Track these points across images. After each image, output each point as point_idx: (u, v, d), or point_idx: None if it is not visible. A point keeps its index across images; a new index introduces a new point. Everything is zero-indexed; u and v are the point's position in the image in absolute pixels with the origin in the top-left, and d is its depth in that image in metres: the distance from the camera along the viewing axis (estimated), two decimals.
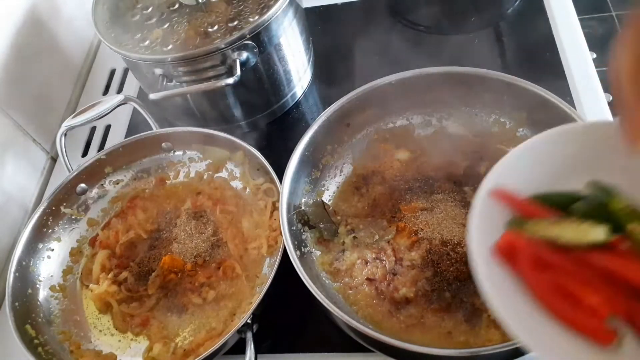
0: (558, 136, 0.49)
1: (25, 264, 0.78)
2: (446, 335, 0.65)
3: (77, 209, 0.86)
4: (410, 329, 0.66)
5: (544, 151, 0.48)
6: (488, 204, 0.45)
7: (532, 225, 0.42)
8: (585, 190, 0.45)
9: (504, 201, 0.45)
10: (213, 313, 0.75)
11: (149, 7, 0.87)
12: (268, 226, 0.78)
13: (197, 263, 0.78)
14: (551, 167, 0.48)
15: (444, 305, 0.66)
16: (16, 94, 0.95)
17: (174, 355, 0.72)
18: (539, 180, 0.47)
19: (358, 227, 0.75)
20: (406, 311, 0.67)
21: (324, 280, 0.71)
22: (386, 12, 1.08)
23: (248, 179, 0.84)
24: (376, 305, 0.68)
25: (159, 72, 0.83)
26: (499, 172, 0.47)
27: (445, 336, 0.65)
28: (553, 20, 0.96)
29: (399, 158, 0.81)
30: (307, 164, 0.78)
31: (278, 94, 0.94)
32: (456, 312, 0.66)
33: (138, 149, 0.88)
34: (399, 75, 0.77)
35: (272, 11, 0.80)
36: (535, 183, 0.47)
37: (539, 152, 0.48)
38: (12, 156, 0.93)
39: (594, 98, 0.85)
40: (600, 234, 0.40)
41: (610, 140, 0.46)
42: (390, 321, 0.67)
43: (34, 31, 1.00)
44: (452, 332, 0.65)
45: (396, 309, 0.68)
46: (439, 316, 0.66)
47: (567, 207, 0.44)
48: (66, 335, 0.76)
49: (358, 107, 0.79)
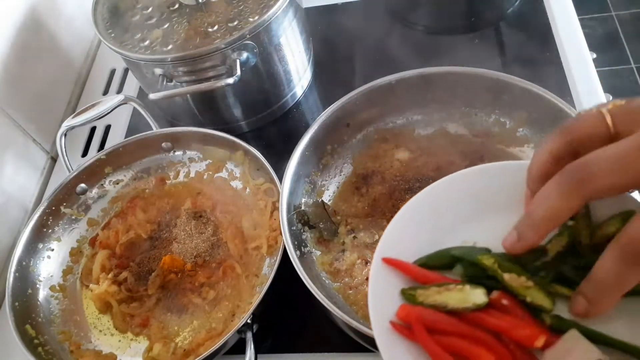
0: (446, 185, 0.50)
1: (25, 264, 0.78)
2: None
3: (77, 209, 0.86)
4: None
5: (431, 206, 0.49)
6: (383, 273, 0.45)
7: (421, 294, 0.43)
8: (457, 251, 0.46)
9: (396, 268, 0.45)
10: (213, 313, 0.75)
11: (149, 7, 0.87)
12: (268, 226, 0.78)
13: (197, 263, 0.78)
14: (442, 220, 0.48)
15: None
16: (16, 94, 0.95)
17: (174, 355, 0.72)
18: (431, 237, 0.47)
19: (358, 227, 0.75)
20: None
21: (324, 280, 0.71)
22: (386, 12, 1.08)
23: (248, 179, 0.84)
24: None
25: (159, 72, 0.83)
26: (391, 237, 0.47)
27: None
28: (553, 20, 0.96)
29: (399, 158, 0.81)
30: (307, 164, 0.78)
31: (278, 94, 0.94)
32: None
33: (138, 149, 0.88)
34: (399, 75, 0.77)
35: (272, 11, 0.80)
36: (427, 241, 0.47)
37: (427, 207, 0.49)
38: (12, 156, 0.93)
39: (594, 98, 0.85)
40: (480, 297, 0.41)
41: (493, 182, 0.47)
42: None
43: (34, 31, 1.00)
44: None
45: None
46: None
47: (450, 267, 0.45)
48: (66, 335, 0.76)
49: (358, 107, 0.79)
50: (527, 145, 0.76)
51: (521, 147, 0.76)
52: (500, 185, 0.47)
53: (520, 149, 0.76)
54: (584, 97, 0.85)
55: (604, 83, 0.87)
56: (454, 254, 0.45)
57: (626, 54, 2.17)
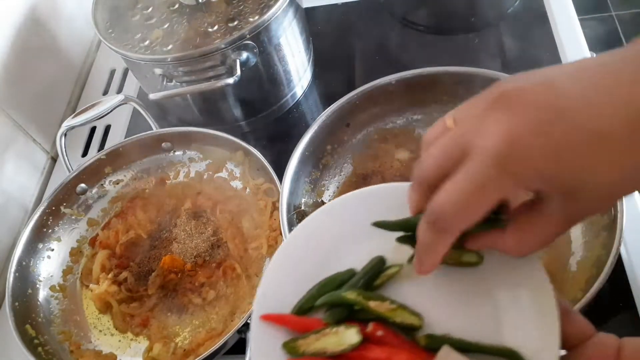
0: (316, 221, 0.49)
1: (25, 264, 0.78)
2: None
3: (77, 209, 0.86)
4: None
5: (306, 242, 0.48)
6: (263, 330, 0.45)
7: (302, 343, 0.43)
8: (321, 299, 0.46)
9: (275, 322, 0.45)
10: (213, 313, 0.75)
11: (149, 7, 0.87)
12: (268, 226, 0.78)
13: (197, 263, 0.78)
14: (319, 254, 0.48)
15: None
16: (16, 94, 0.95)
17: (174, 355, 0.72)
18: (312, 273, 0.47)
19: None
20: None
21: None
22: (386, 12, 1.08)
23: (248, 179, 0.84)
24: None
25: (159, 72, 0.83)
26: (268, 289, 0.47)
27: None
28: (553, 20, 0.96)
29: (399, 158, 0.81)
30: (307, 164, 0.78)
31: (278, 94, 0.94)
32: None
33: (138, 149, 0.88)
34: (399, 75, 0.77)
35: (272, 11, 0.80)
36: (308, 279, 0.47)
37: (301, 245, 0.48)
38: (12, 156, 0.93)
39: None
40: (353, 337, 0.41)
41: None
42: None
43: (34, 31, 1.00)
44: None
45: None
46: None
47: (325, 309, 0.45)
48: (66, 335, 0.76)
49: (358, 107, 0.79)
50: None
51: None
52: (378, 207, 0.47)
53: None
54: None
55: None
56: (318, 304, 0.45)
57: None
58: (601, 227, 0.64)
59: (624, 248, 0.70)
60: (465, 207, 0.33)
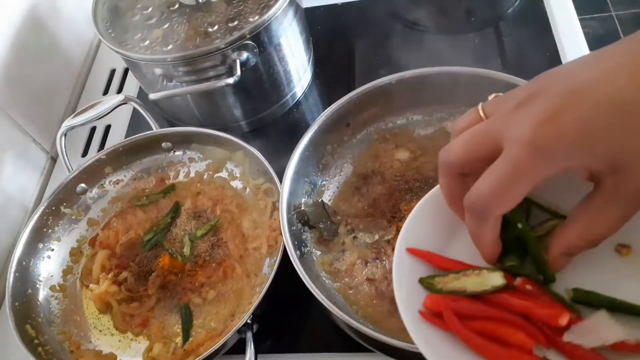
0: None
1: (25, 264, 0.78)
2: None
3: (77, 209, 0.86)
4: None
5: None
6: (404, 263, 0.46)
7: (439, 281, 0.45)
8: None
9: (420, 258, 0.47)
10: (213, 313, 0.75)
11: (149, 7, 0.87)
12: (268, 226, 0.78)
13: (197, 263, 0.78)
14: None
15: None
16: (16, 94, 0.95)
17: (174, 355, 0.72)
18: (447, 227, 0.48)
19: (358, 227, 0.75)
20: None
21: (324, 280, 0.71)
22: (386, 12, 1.08)
23: (248, 179, 0.84)
24: (376, 305, 0.68)
25: (159, 72, 0.83)
26: (412, 227, 0.48)
27: None
28: (553, 20, 0.96)
29: (399, 158, 0.81)
30: (307, 164, 0.77)
31: (278, 94, 0.94)
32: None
33: (138, 149, 0.88)
34: (399, 75, 0.77)
35: (272, 11, 0.80)
36: (444, 230, 0.48)
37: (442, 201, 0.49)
38: (12, 156, 0.93)
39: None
40: (498, 280, 0.42)
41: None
42: (390, 321, 0.67)
43: (34, 31, 1.00)
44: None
45: (396, 309, 0.67)
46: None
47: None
48: (66, 335, 0.76)
49: (358, 107, 0.79)
50: None
51: None
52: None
53: None
54: None
55: None
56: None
57: None
58: None
59: None
60: (504, 190, 0.36)
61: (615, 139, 0.33)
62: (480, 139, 0.38)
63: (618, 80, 0.33)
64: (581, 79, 0.34)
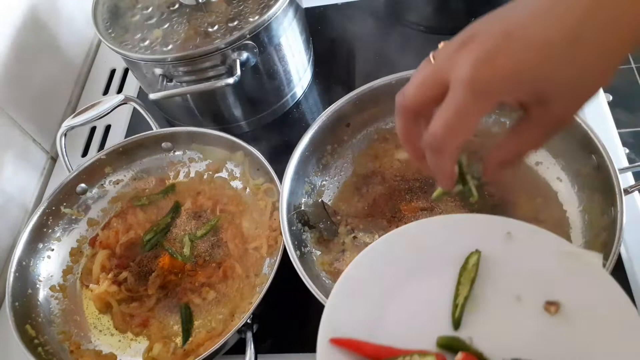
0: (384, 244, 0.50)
1: (25, 264, 0.78)
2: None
3: (77, 209, 0.86)
4: None
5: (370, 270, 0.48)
6: (331, 355, 0.44)
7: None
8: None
9: (346, 348, 0.44)
10: (213, 313, 0.75)
11: (149, 7, 0.87)
12: (268, 226, 0.78)
13: (197, 263, 0.78)
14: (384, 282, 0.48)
15: None
16: (16, 94, 0.95)
17: (174, 355, 0.72)
18: (375, 302, 0.47)
19: (358, 227, 0.75)
20: None
21: (324, 280, 0.71)
22: (386, 12, 1.08)
23: (248, 179, 0.84)
24: None
25: (159, 72, 0.83)
26: (333, 313, 0.46)
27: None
28: None
29: (399, 158, 0.81)
30: (307, 164, 0.78)
31: (278, 94, 0.94)
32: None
33: (138, 149, 0.88)
34: (399, 75, 0.77)
35: (272, 11, 0.80)
36: (371, 307, 0.47)
37: (365, 273, 0.48)
38: (12, 156, 0.93)
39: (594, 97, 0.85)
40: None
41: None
42: None
43: (34, 31, 1.00)
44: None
45: None
46: None
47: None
48: (66, 335, 0.76)
49: (358, 107, 0.79)
50: None
51: None
52: (437, 239, 0.49)
53: None
54: None
55: None
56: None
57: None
58: (601, 227, 0.64)
59: (624, 248, 0.71)
60: (454, 128, 0.40)
61: (542, 74, 0.38)
62: (430, 81, 0.42)
63: (545, 22, 0.37)
64: (513, 20, 0.39)
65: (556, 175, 0.73)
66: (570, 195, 0.71)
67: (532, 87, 0.39)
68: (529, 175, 0.74)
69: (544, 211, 0.71)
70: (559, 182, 0.73)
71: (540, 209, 0.71)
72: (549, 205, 0.71)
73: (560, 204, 0.71)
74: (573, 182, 0.71)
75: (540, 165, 0.75)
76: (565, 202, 0.71)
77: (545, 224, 0.69)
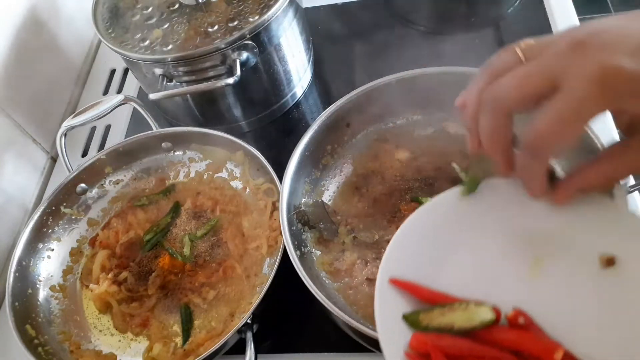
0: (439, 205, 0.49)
1: (25, 264, 0.78)
2: None
3: (77, 209, 0.86)
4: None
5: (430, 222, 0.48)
6: (387, 296, 0.44)
7: (424, 317, 0.43)
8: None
9: (402, 288, 0.45)
10: (213, 313, 0.75)
11: (149, 7, 0.87)
12: (268, 226, 0.78)
13: (197, 263, 0.78)
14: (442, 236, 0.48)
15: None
16: (16, 94, 0.95)
17: (174, 355, 0.72)
18: (432, 254, 0.47)
19: (358, 227, 0.75)
20: None
21: (324, 280, 0.71)
22: (386, 12, 1.08)
23: (248, 179, 0.84)
24: None
25: (159, 72, 0.83)
26: (393, 256, 0.47)
27: None
28: (553, 20, 0.96)
29: (399, 158, 0.81)
30: (307, 164, 0.77)
31: (278, 94, 0.94)
32: None
33: (138, 149, 0.88)
34: (399, 75, 0.77)
35: (272, 11, 0.80)
36: (429, 257, 0.47)
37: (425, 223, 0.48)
38: (12, 156, 0.93)
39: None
40: (487, 314, 0.41)
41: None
42: None
43: (34, 31, 1.00)
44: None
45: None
46: None
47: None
48: (66, 335, 0.76)
49: (358, 107, 0.79)
50: None
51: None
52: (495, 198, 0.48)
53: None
54: None
55: None
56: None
57: None
58: None
59: None
60: (564, 127, 0.37)
61: None
62: (536, 77, 0.39)
63: None
64: (637, 28, 0.37)
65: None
66: None
67: None
68: None
69: None
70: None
71: None
72: None
73: None
74: None
75: None
76: None
77: None
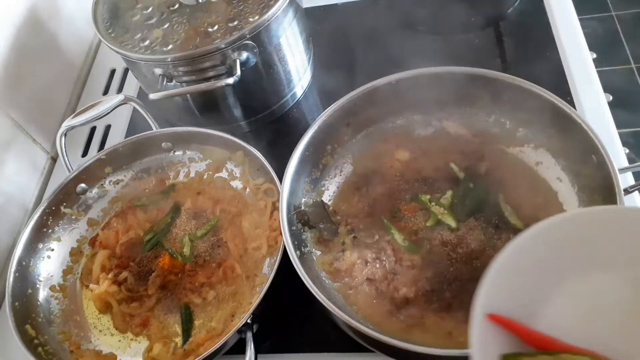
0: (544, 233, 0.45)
1: (25, 264, 0.78)
2: (446, 335, 0.65)
3: (77, 209, 0.86)
4: (411, 329, 0.66)
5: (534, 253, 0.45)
6: (486, 332, 0.42)
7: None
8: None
9: (503, 326, 0.42)
10: (213, 313, 0.75)
11: (149, 7, 0.87)
12: (268, 226, 0.78)
13: (197, 263, 0.78)
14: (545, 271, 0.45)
15: (444, 305, 0.66)
16: (16, 94, 0.95)
17: (174, 355, 0.72)
18: (533, 290, 0.44)
19: (358, 227, 0.75)
20: (406, 311, 0.67)
21: (324, 280, 0.71)
22: (386, 12, 1.08)
23: (248, 179, 0.84)
24: (376, 305, 0.68)
25: (159, 72, 0.83)
26: (490, 290, 0.43)
27: (445, 336, 0.65)
28: (553, 20, 0.96)
29: (399, 158, 0.81)
30: (307, 164, 0.77)
31: (278, 94, 0.94)
32: (456, 312, 0.66)
33: (138, 149, 0.88)
34: (399, 75, 0.77)
35: (272, 11, 0.80)
36: (529, 294, 0.44)
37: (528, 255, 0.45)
38: (12, 156, 0.93)
39: (594, 98, 0.85)
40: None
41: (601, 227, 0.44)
42: (390, 321, 0.67)
43: (34, 31, 1.00)
44: (452, 332, 0.65)
45: (396, 309, 0.68)
46: (439, 316, 0.66)
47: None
48: (66, 335, 0.76)
49: (358, 107, 0.79)
50: (527, 145, 0.76)
51: (521, 147, 0.76)
52: (611, 233, 0.44)
53: (520, 149, 0.76)
54: (584, 97, 0.85)
55: (604, 83, 0.87)
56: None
57: (626, 54, 2.17)
58: None
59: None
60: None
61: None
62: None
63: None
64: None
65: (556, 175, 0.73)
66: (570, 195, 0.71)
67: None
68: (529, 175, 0.75)
69: (544, 211, 0.71)
70: (559, 182, 0.73)
71: (540, 209, 0.71)
72: (549, 205, 0.71)
73: (560, 204, 0.71)
74: (573, 182, 0.71)
75: (540, 165, 0.75)
76: (565, 202, 0.71)
77: None
